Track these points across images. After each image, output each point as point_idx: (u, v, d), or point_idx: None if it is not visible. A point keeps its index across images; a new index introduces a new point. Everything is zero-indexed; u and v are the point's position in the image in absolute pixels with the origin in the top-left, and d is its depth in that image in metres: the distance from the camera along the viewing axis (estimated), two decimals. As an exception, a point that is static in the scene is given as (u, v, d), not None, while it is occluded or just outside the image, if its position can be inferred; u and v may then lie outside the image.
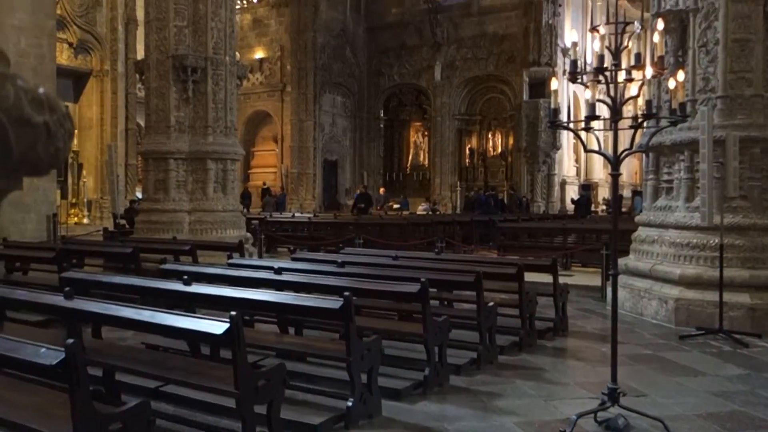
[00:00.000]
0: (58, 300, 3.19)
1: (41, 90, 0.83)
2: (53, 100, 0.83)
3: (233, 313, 2.53)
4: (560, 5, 18.96)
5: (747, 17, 5.77)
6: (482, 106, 21.35)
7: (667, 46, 6.16)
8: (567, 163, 20.46)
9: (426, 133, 22.26)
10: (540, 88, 18.91)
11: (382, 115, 22.14)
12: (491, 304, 4.43)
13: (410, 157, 22.85)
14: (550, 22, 18.64)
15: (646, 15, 19.14)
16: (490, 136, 21.46)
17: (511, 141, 20.73)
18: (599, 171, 21.27)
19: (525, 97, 19.26)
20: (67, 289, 3.21)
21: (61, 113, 0.84)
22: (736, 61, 5.79)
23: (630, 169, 21.50)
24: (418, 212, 17.76)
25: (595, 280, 7.69)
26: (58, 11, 11.83)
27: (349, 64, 21.61)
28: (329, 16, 20.49)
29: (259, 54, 20.57)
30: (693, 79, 6.00)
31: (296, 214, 14.93)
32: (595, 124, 3.19)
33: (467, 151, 21.61)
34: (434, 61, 20.84)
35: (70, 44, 13.40)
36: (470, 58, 20.41)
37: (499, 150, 21.30)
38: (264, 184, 19.10)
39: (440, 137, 21.32)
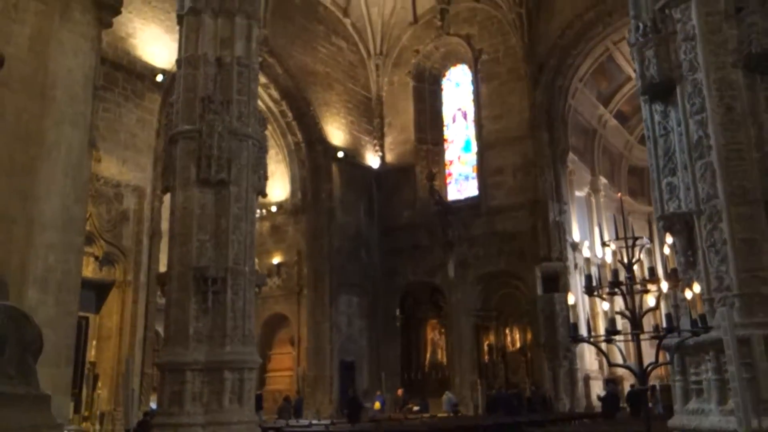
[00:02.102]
0: None
1: None
2: None
3: None
4: (565, 203, 19.74)
5: (750, 218, 5.94)
6: (498, 302, 21.41)
7: (676, 247, 6.30)
8: (589, 356, 20.02)
9: (443, 330, 22.13)
10: (553, 282, 19.11)
11: (398, 314, 22.21)
12: None
13: (428, 356, 22.49)
14: (557, 219, 19.29)
15: (649, 208, 19.72)
16: (507, 331, 21.27)
17: (529, 336, 20.49)
18: (621, 358, 20.70)
19: (539, 291, 19.38)
20: None
21: None
22: (747, 260, 5.86)
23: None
24: (443, 403, 17.24)
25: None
26: (88, 227, 12.43)
27: (364, 265, 22.11)
28: (344, 221, 21.36)
29: (276, 259, 21.18)
30: (707, 279, 6.05)
31: (313, 422, 14.43)
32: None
33: (486, 348, 21.29)
34: (447, 259, 21.30)
35: (96, 257, 13.91)
36: (482, 256, 20.85)
37: (518, 345, 20.99)
38: (286, 397, 18.44)
39: (457, 334, 21.15)
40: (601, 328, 3.18)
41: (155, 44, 15.40)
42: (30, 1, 10.41)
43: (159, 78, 15.11)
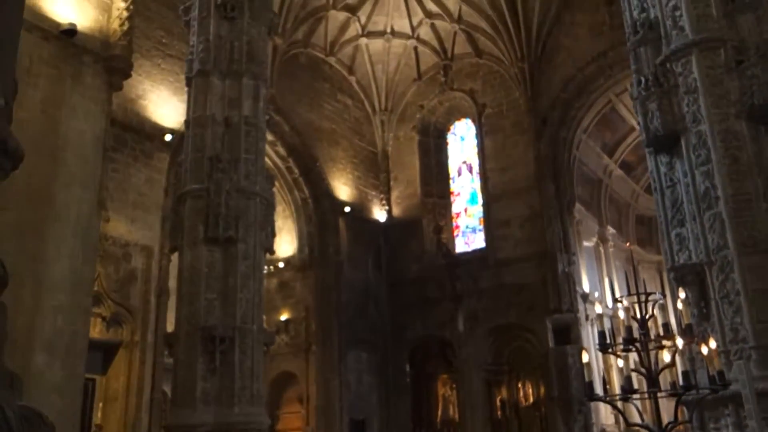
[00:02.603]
0: None
1: None
2: None
3: None
4: (574, 254, 19.64)
5: (762, 268, 5.91)
6: (509, 355, 21.09)
7: (688, 298, 6.24)
8: (604, 411, 19.57)
9: (454, 385, 21.75)
10: (565, 334, 18.84)
11: (408, 369, 21.87)
12: None
13: (440, 412, 22.05)
14: (566, 270, 19.16)
15: (659, 258, 19.57)
16: (520, 385, 20.88)
17: (542, 390, 20.10)
18: (638, 416, 20.23)
19: (551, 344, 19.10)
20: None
21: None
22: (762, 310, 5.80)
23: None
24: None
25: None
26: (96, 288, 12.43)
27: (372, 320, 21.92)
28: (352, 276, 21.28)
29: (284, 315, 21.04)
30: (721, 330, 5.97)
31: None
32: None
33: (498, 403, 20.86)
34: (456, 312, 21.11)
35: (104, 318, 13.85)
36: (491, 309, 20.65)
37: (532, 400, 20.56)
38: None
39: (469, 390, 20.77)
40: (617, 383, 3.11)
41: (164, 105, 15.68)
42: (42, 66, 10.68)
43: (167, 138, 15.33)
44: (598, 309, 3.28)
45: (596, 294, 20.28)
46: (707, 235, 6.05)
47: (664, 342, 3.02)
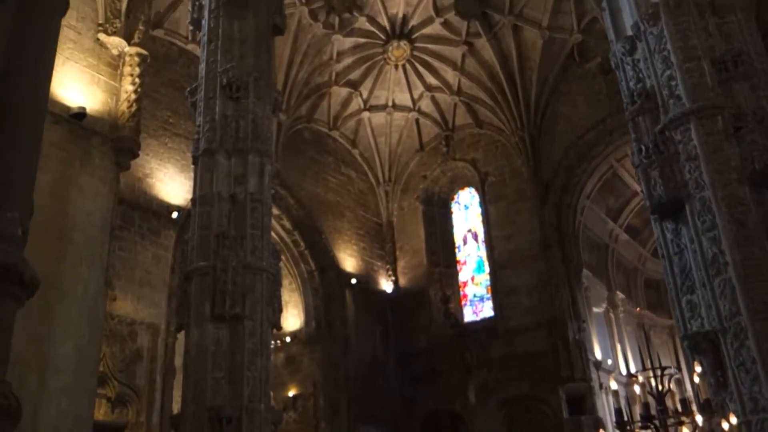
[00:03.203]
0: None
1: None
2: None
3: None
4: (584, 321, 19.40)
5: (777, 334, 5.83)
6: (523, 427, 20.51)
7: (704, 367, 6.13)
8: (623, 484, 18.91)
9: (467, 461, 21.09)
10: (579, 403, 18.39)
11: (419, 444, 21.28)
12: None
13: (453, 490, 21.31)
14: (577, 338, 18.88)
15: (671, 322, 19.29)
16: (535, 459, 20.24)
17: (558, 463, 19.46)
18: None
19: (565, 414, 18.62)
20: None
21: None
22: (780, 378, 5.69)
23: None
24: None
25: None
26: (101, 368, 12.27)
27: (381, 394, 21.48)
28: (360, 348, 21.00)
29: (292, 391, 20.65)
30: (740, 400, 5.82)
31: None
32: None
33: (514, 480, 20.19)
34: (467, 384, 20.69)
35: (108, 398, 13.61)
36: (503, 379, 20.25)
37: (548, 474, 19.89)
38: None
39: (483, 465, 20.14)
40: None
41: (171, 183, 15.89)
42: (52, 149, 10.89)
43: (174, 215, 15.46)
44: (613, 385, 3.18)
45: (609, 362, 19.92)
46: (719, 302, 5.98)
47: (683, 418, 2.94)
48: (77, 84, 11.82)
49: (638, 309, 20.99)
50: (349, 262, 21.73)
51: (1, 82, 1.85)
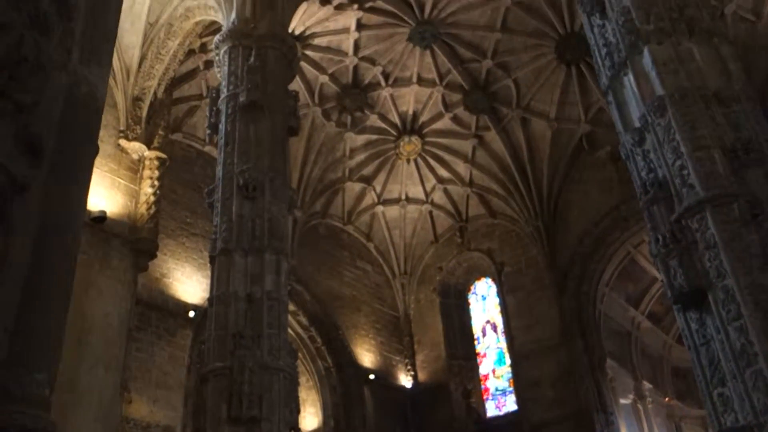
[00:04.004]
0: None
1: None
2: None
3: None
4: (611, 413, 18.75)
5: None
6: None
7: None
8: None
9: None
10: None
11: None
12: None
13: None
14: (605, 431, 18.20)
15: (702, 412, 18.64)
16: None
17: None
18: None
19: None
20: None
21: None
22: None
23: None
24: None
25: None
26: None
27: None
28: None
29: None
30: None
31: None
32: None
33: None
34: (493, 483, 19.82)
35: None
36: (530, 477, 19.40)
37: None
38: None
39: None
40: None
41: (188, 282, 15.94)
42: (72, 252, 11.03)
43: (191, 314, 15.42)
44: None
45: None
46: (751, 395, 5.77)
47: None
48: (98, 188, 12.12)
49: (667, 399, 20.28)
50: (366, 357, 21.37)
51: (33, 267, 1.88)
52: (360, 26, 18.13)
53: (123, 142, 13.06)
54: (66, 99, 1.04)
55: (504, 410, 21.20)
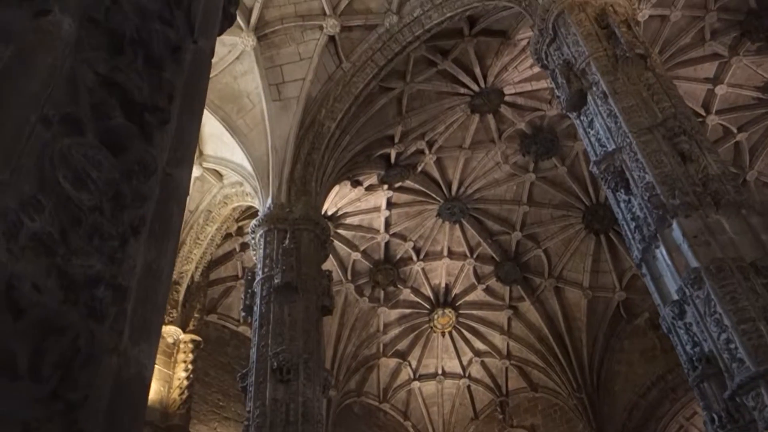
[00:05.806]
0: None
1: None
2: None
3: None
4: None
5: None
6: None
7: None
8: None
9: None
10: None
11: None
12: None
13: None
14: None
15: None
16: None
17: None
18: None
19: None
20: None
21: None
22: None
23: None
24: None
25: None
26: None
27: None
28: None
29: None
30: None
31: None
32: None
33: None
34: None
35: None
36: None
37: None
38: None
39: None
40: None
41: None
42: None
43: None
44: None
45: None
46: None
47: None
48: (132, 374, 12.04)
49: None
50: None
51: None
52: (390, 205, 18.76)
53: (159, 327, 13.17)
54: (114, 384, 1.02)
55: None
